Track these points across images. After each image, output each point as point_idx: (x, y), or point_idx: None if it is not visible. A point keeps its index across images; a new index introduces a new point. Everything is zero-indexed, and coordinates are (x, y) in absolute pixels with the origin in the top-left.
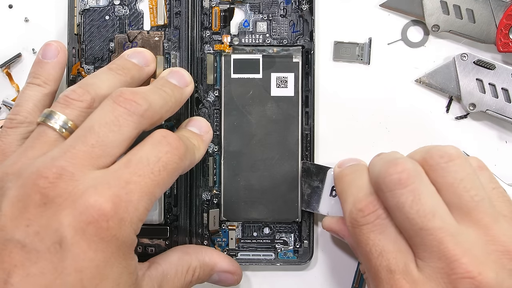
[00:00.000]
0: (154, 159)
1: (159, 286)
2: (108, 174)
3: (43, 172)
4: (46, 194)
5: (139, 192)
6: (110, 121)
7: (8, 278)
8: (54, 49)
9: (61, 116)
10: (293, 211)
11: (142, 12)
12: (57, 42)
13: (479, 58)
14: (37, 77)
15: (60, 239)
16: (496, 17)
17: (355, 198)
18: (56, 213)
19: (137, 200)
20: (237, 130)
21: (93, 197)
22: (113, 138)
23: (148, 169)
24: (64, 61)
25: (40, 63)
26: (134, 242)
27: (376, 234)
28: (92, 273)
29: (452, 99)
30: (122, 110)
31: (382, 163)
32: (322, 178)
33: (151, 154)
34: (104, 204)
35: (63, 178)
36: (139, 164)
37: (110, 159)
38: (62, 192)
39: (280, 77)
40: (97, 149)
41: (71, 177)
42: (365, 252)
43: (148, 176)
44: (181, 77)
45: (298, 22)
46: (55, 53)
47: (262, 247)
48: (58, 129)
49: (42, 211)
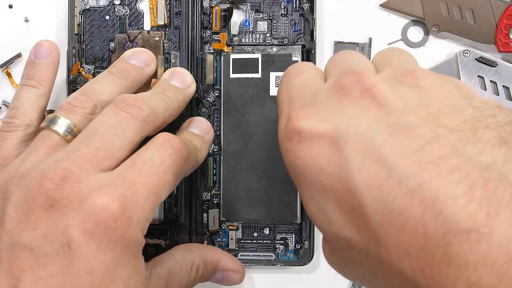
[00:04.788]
0: (158, 160)
1: (166, 285)
2: (113, 175)
3: (48, 174)
4: (52, 196)
5: (145, 193)
6: (114, 125)
7: (18, 283)
8: (46, 49)
9: (65, 120)
10: (292, 213)
11: (142, 12)
12: (49, 42)
13: (481, 55)
14: (31, 78)
15: (68, 241)
16: (496, 17)
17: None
18: (62, 215)
19: (144, 200)
20: (236, 130)
21: (100, 198)
22: (117, 141)
23: (153, 170)
24: (57, 61)
25: (33, 63)
26: (142, 243)
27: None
28: (103, 274)
29: None
30: (125, 115)
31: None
32: None
33: (156, 156)
34: (111, 204)
35: (68, 180)
36: (144, 165)
37: (114, 162)
38: (68, 194)
39: (280, 76)
40: (102, 152)
41: (76, 179)
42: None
43: (153, 177)
44: (183, 78)
45: (299, 21)
46: (48, 53)
47: (263, 247)
48: (62, 133)
49: (49, 214)
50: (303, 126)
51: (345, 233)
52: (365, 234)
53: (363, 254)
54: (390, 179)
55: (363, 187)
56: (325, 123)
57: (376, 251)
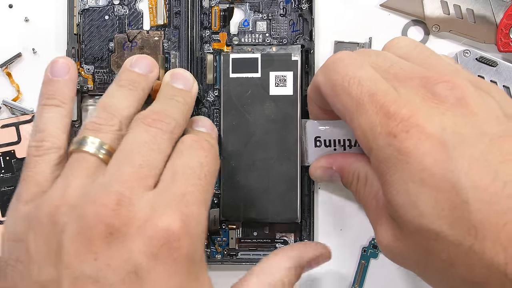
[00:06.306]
0: (197, 165)
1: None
2: (161, 193)
3: (102, 201)
4: (111, 224)
5: (196, 202)
6: (148, 141)
7: None
8: (63, 66)
9: (96, 139)
10: (292, 212)
11: (141, 12)
12: (65, 58)
13: (482, 55)
14: (52, 97)
15: (134, 267)
16: (496, 17)
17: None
18: (124, 242)
19: (197, 211)
20: (235, 130)
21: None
22: (155, 157)
23: (195, 176)
24: (76, 78)
25: (51, 82)
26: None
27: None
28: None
29: None
30: (155, 130)
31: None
32: (304, 132)
33: (192, 161)
34: (172, 223)
35: (122, 204)
36: (185, 174)
37: (155, 179)
38: (125, 219)
39: (279, 76)
40: (145, 169)
41: (129, 202)
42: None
43: (198, 184)
44: (185, 79)
45: (298, 21)
46: (66, 70)
47: (263, 246)
48: (96, 153)
49: (109, 242)
50: (411, 124)
51: (434, 226)
52: (460, 229)
53: (448, 245)
54: (496, 182)
55: (470, 188)
56: (431, 125)
57: (469, 244)
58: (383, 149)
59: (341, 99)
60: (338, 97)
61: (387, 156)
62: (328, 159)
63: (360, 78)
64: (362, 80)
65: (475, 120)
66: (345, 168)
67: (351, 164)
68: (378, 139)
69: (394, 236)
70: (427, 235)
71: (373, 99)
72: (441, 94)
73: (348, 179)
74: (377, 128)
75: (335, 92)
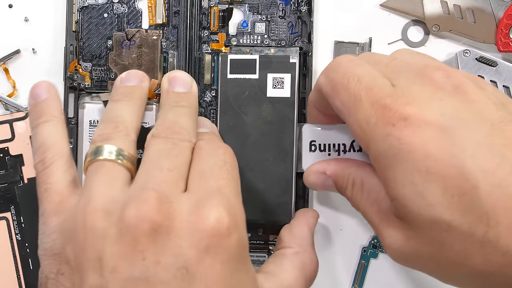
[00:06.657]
0: (220, 162)
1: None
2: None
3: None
4: (155, 220)
5: (234, 194)
6: (170, 148)
7: None
8: (42, 88)
9: (112, 147)
10: (286, 214)
11: (140, 11)
12: (42, 81)
13: (482, 55)
14: (41, 116)
15: (184, 263)
16: (496, 17)
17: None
18: (170, 238)
19: (237, 202)
20: (232, 131)
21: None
22: (180, 161)
23: (224, 170)
24: (57, 95)
25: (35, 104)
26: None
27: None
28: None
29: None
30: (173, 140)
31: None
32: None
33: (215, 159)
34: (219, 216)
35: (163, 200)
36: (214, 171)
37: (185, 182)
38: (168, 215)
39: (277, 77)
40: (174, 172)
41: (167, 199)
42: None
43: (229, 177)
44: (183, 81)
45: (297, 23)
46: (45, 90)
47: (256, 248)
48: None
49: (156, 239)
50: (409, 112)
51: (445, 216)
52: (472, 217)
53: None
54: (503, 165)
55: (478, 172)
56: (430, 111)
57: (483, 233)
58: (382, 140)
59: (340, 96)
60: (338, 95)
61: (387, 147)
62: (322, 164)
63: (359, 75)
64: (361, 77)
65: (474, 106)
66: (339, 173)
67: (345, 168)
68: (376, 131)
69: (405, 235)
70: (438, 227)
71: (370, 94)
72: (438, 81)
73: (342, 184)
74: (373, 119)
75: (335, 91)
